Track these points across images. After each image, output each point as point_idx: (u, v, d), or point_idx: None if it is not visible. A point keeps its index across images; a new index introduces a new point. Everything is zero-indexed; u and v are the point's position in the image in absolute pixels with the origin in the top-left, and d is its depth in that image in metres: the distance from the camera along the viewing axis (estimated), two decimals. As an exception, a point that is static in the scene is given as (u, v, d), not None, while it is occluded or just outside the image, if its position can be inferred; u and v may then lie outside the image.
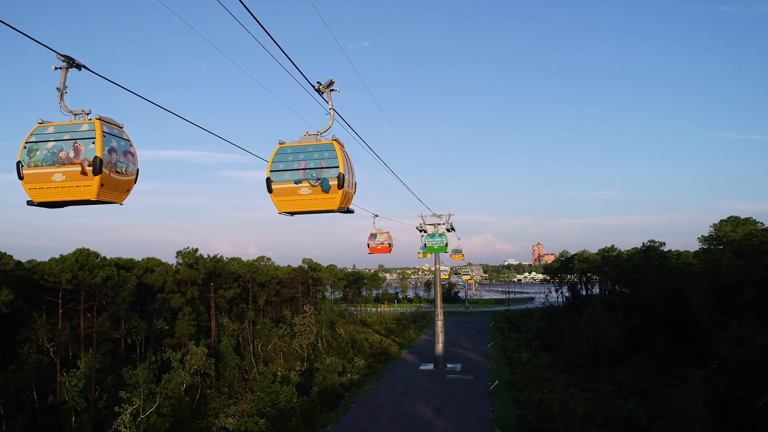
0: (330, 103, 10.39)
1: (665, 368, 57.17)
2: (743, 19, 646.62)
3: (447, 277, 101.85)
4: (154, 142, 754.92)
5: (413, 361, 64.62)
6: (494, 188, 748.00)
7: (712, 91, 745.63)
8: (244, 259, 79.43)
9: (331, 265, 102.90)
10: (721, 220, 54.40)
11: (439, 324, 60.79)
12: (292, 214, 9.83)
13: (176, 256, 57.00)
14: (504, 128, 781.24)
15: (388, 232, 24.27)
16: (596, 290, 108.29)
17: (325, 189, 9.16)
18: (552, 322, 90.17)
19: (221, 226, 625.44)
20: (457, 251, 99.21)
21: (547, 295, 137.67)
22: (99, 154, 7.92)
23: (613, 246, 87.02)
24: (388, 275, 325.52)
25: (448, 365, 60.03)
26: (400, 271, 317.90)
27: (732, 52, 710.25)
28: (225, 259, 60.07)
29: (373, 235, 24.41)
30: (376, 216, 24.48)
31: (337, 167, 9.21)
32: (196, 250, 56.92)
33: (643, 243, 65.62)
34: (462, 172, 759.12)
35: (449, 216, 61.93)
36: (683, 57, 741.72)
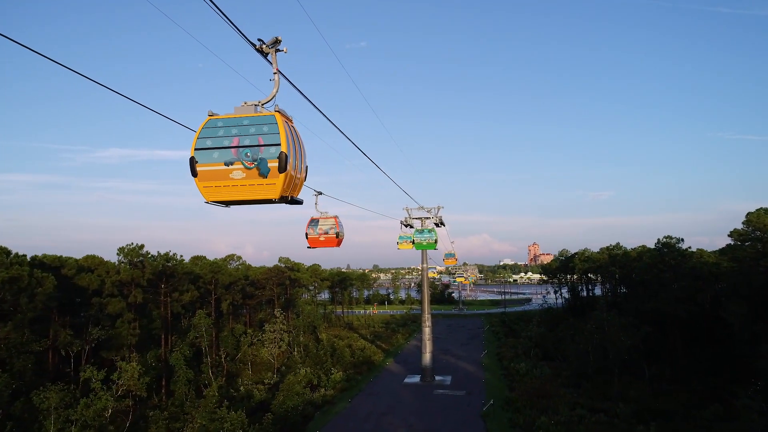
0: (275, 65, 8.62)
1: (683, 381, 50.35)
2: (742, 20, 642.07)
3: (435, 275, 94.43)
4: (151, 142, 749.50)
5: (399, 372, 57.57)
6: (491, 189, 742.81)
7: (710, 91, 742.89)
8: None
9: (315, 264, 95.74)
10: (750, 212, 47.43)
11: (427, 331, 53.78)
12: (225, 204, 7.94)
13: (118, 254, 49.49)
14: (501, 128, 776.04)
15: (335, 217, 16.84)
16: (598, 291, 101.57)
17: (263, 172, 7.45)
18: (552, 326, 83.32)
19: (219, 227, 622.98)
20: (450, 255, 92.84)
21: (544, 296, 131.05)
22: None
23: (618, 244, 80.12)
24: (382, 275, 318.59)
25: (437, 378, 53.06)
26: (394, 271, 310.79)
27: (731, 52, 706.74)
28: (180, 257, 52.67)
29: (313, 222, 17.03)
30: (320, 194, 17.26)
31: (279, 145, 7.42)
32: (142, 246, 49.23)
33: (658, 239, 58.62)
34: (458, 173, 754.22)
35: (438, 209, 54.93)
36: (681, 56, 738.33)
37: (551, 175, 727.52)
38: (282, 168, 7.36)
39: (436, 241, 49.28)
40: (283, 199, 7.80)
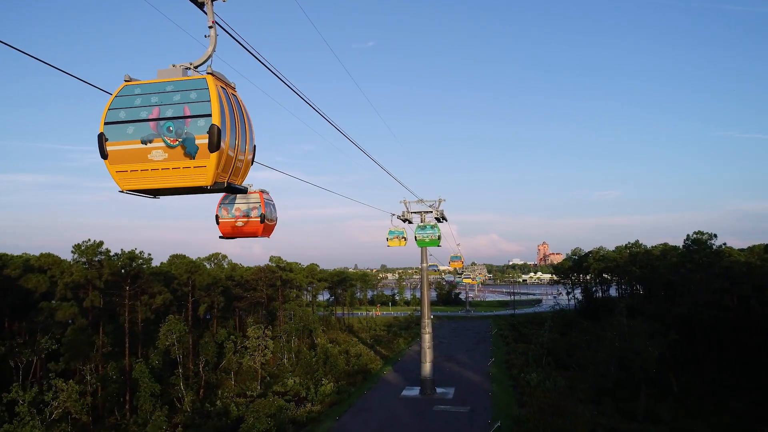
0: (210, 16, 6.86)
1: (716, 397, 44.53)
2: (750, 18, 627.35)
3: (437, 273, 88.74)
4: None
5: (396, 383, 52.10)
6: (499, 188, 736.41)
7: (717, 90, 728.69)
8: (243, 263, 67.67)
9: (312, 264, 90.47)
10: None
11: (427, 338, 48.28)
12: (153, 195, 6.66)
13: (73, 252, 44.01)
14: (508, 127, 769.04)
15: (260, 192, 11.39)
16: (612, 292, 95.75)
17: (190, 151, 5.94)
18: (564, 330, 77.62)
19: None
20: (456, 258, 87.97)
21: (555, 297, 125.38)
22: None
23: (637, 242, 74.27)
24: (389, 275, 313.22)
25: (438, 390, 47.55)
26: (401, 270, 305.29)
27: (738, 50, 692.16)
28: (148, 255, 47.31)
29: (227, 199, 11.28)
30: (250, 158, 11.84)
31: (209, 116, 5.89)
32: (101, 243, 43.92)
33: (688, 235, 52.62)
34: (465, 172, 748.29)
35: (439, 203, 49.50)
36: (687, 54, 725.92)
37: (558, 175, 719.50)
38: (214, 146, 5.81)
39: (439, 238, 44.83)
40: (219, 187, 6.18)
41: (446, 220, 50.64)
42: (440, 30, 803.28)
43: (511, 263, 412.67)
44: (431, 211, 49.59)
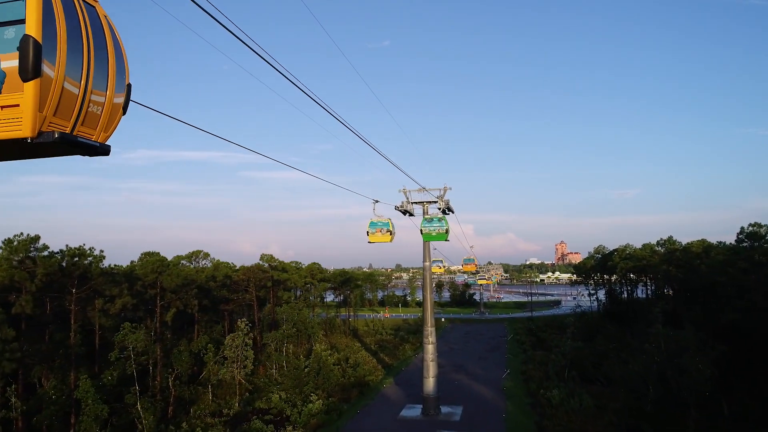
0: None
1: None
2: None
3: (440, 270, 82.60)
4: (177, 143, 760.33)
5: (396, 399, 45.45)
6: (516, 187, 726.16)
7: (738, 87, 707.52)
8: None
9: (313, 263, 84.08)
10: None
11: (430, 349, 41.44)
12: None
13: (2, 248, 36.72)
14: (525, 126, 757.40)
15: None
16: (639, 294, 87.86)
17: None
18: (588, 336, 70.24)
19: (243, 227, 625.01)
20: (469, 260, 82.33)
21: (575, 298, 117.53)
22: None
23: (671, 237, 66.44)
24: (404, 275, 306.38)
25: (443, 410, 40.78)
26: (414, 270, 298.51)
27: (760, 47, 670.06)
28: (99, 252, 40.81)
29: None
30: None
31: (22, 22, 3.86)
32: (36, 237, 37.18)
33: (742, 228, 45.03)
34: (482, 171, 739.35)
35: (444, 191, 42.76)
36: (708, 52, 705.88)
37: (576, 173, 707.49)
38: (28, 70, 3.68)
39: (447, 231, 38.45)
40: (48, 139, 3.89)
41: (452, 212, 43.89)
42: (457, 28, 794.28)
43: (528, 263, 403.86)
44: (436, 201, 42.99)
